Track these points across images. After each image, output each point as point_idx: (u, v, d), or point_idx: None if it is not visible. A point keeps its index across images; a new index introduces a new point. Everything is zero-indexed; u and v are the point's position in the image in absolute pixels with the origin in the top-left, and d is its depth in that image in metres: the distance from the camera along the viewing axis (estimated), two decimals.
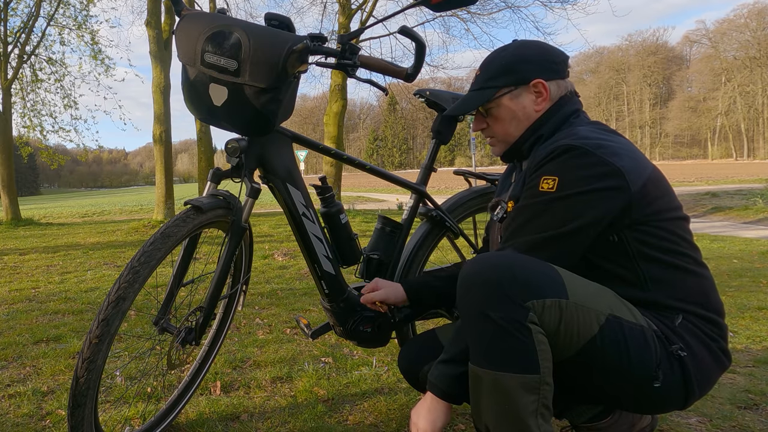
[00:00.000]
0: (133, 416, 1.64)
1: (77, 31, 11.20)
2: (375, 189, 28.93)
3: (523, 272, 0.97)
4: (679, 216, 1.09)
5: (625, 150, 1.06)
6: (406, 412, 1.63)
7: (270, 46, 1.19)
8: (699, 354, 1.04)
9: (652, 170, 1.08)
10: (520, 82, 1.18)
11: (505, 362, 0.95)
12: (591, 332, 0.98)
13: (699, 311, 1.06)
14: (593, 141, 1.05)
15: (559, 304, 0.96)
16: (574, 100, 1.20)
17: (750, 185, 16.28)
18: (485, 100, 1.21)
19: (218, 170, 1.35)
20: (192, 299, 1.41)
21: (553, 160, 1.06)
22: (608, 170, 1.02)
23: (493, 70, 1.21)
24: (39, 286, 3.90)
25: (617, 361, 1.00)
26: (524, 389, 0.95)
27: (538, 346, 0.95)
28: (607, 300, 1.03)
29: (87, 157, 12.91)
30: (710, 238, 6.72)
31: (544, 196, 1.06)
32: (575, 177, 1.03)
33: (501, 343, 0.95)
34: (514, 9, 11.44)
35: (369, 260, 1.60)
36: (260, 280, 3.98)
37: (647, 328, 1.02)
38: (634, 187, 1.02)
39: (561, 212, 1.05)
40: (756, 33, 58.70)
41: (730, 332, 2.42)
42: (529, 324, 0.94)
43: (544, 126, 1.18)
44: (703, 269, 1.09)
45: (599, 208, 1.03)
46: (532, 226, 1.08)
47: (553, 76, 1.18)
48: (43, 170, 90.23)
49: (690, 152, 70.31)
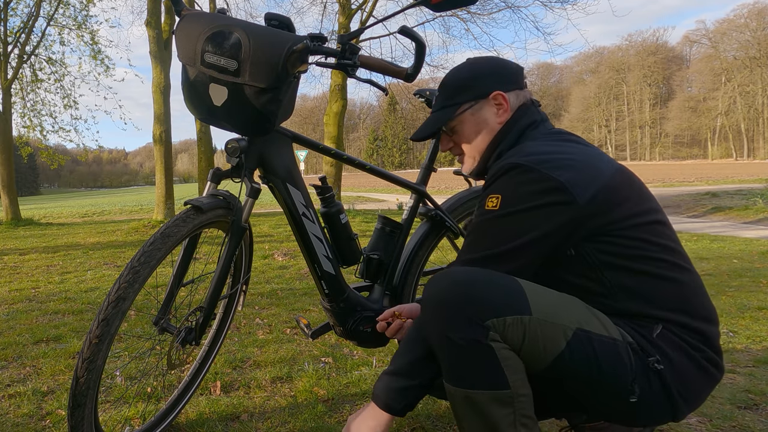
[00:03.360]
0: (133, 416, 1.64)
1: (77, 31, 11.21)
2: (375, 189, 28.92)
3: (482, 291, 0.97)
4: (650, 220, 1.04)
5: (576, 161, 1.03)
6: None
7: (270, 46, 1.19)
8: (681, 366, 1.00)
9: (610, 178, 1.03)
10: (479, 96, 1.19)
11: (473, 380, 0.96)
12: (558, 347, 0.96)
13: (680, 319, 1.02)
14: (537, 156, 1.04)
15: (521, 321, 0.95)
16: (532, 110, 1.19)
17: (750, 185, 16.29)
18: (447, 118, 1.21)
19: (218, 170, 1.35)
20: (192, 299, 1.41)
21: (499, 178, 1.07)
22: (550, 186, 1.00)
23: (451, 89, 1.22)
24: (39, 286, 3.90)
25: (589, 376, 0.97)
26: (497, 404, 0.95)
27: (503, 363, 0.94)
28: (576, 313, 1.00)
29: (87, 157, 12.91)
30: (710, 238, 6.72)
31: (489, 215, 1.06)
32: (517, 194, 1.03)
33: (466, 363, 0.96)
34: (514, 9, 11.44)
35: (369, 260, 1.61)
36: (260, 280, 3.98)
37: (620, 341, 0.99)
38: (581, 199, 1.00)
39: (505, 230, 1.04)
40: (756, 33, 58.73)
41: (731, 332, 2.42)
42: (491, 342, 0.94)
43: (504, 141, 1.18)
44: (682, 273, 1.04)
45: (543, 225, 1.01)
46: (479, 244, 1.08)
47: (510, 87, 1.19)
48: (43, 170, 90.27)
49: (690, 152, 70.33)
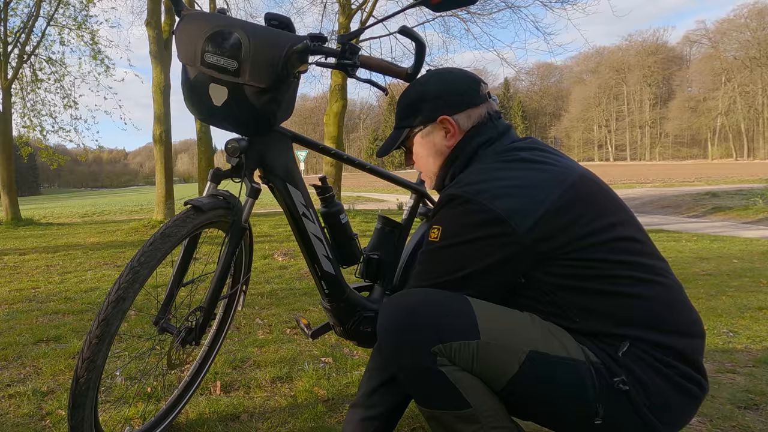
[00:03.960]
0: (133, 416, 1.64)
1: (77, 31, 11.21)
2: (375, 189, 28.93)
3: (426, 317, 0.96)
4: (607, 239, 0.98)
5: (517, 187, 0.99)
6: (406, 413, 1.62)
7: (270, 46, 1.19)
8: (652, 385, 0.94)
9: (559, 198, 0.98)
10: (426, 120, 1.17)
11: (434, 402, 0.97)
12: (512, 370, 0.94)
13: (648, 336, 0.96)
14: (475, 186, 1.01)
15: (468, 346, 0.94)
16: (487, 127, 1.14)
17: (750, 185, 16.29)
18: (400, 141, 1.21)
19: (218, 170, 1.35)
20: (192, 299, 1.41)
21: (440, 209, 1.07)
22: (488, 217, 0.97)
23: (402, 109, 1.22)
24: (39, 286, 3.90)
25: (547, 398, 0.95)
26: (463, 422, 0.95)
27: (458, 384, 0.94)
28: (530, 334, 0.96)
29: (87, 157, 12.92)
30: (710, 238, 6.72)
31: (432, 245, 1.06)
32: (455, 226, 1.03)
33: (423, 388, 0.97)
34: (514, 9, 11.43)
35: (369, 260, 1.61)
36: (260, 280, 3.98)
37: (582, 362, 0.94)
38: (520, 229, 0.95)
39: (447, 262, 1.04)
40: (756, 33, 58.73)
41: (731, 332, 2.42)
42: (440, 368, 0.94)
43: (455, 163, 1.15)
44: (651, 287, 0.98)
45: (486, 257, 0.99)
46: (426, 273, 1.08)
47: (460, 109, 1.14)
48: (43, 170, 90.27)
49: (690, 152, 70.32)
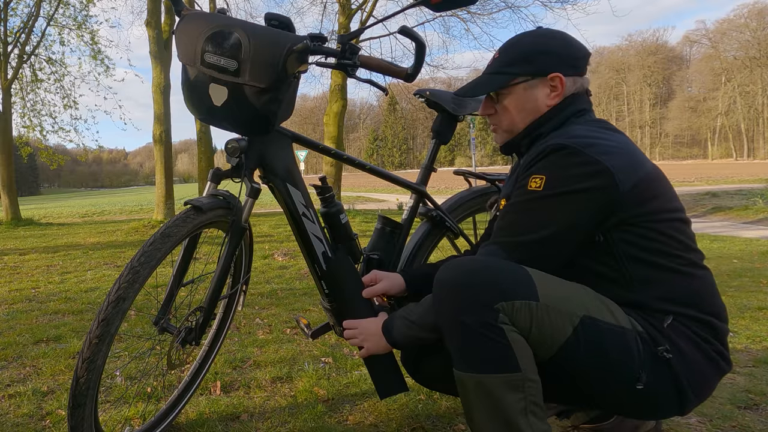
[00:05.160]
0: (133, 416, 1.64)
1: (77, 31, 11.22)
2: (375, 189, 28.93)
3: (490, 276, 0.98)
4: (675, 218, 1.05)
5: (621, 148, 1.03)
6: (406, 412, 1.63)
7: (270, 46, 1.19)
8: (691, 356, 1.01)
9: (650, 171, 1.04)
10: (537, 73, 1.13)
11: (484, 364, 0.96)
12: (565, 334, 0.97)
13: (690, 313, 1.03)
14: (584, 140, 1.03)
15: (528, 306, 0.96)
16: (583, 99, 1.16)
17: (750, 185, 16.28)
18: (499, 85, 1.16)
19: (218, 170, 1.35)
20: (192, 299, 1.41)
21: (544, 158, 1.05)
22: (596, 169, 1.00)
23: (512, 55, 1.15)
24: (39, 286, 3.90)
25: (595, 363, 0.99)
26: (508, 388, 0.95)
27: (513, 345, 0.96)
28: (584, 301, 1.01)
29: (87, 157, 12.92)
30: (710, 238, 6.72)
31: (532, 195, 1.05)
32: (563, 176, 1.02)
33: (477, 346, 0.97)
34: (514, 9, 11.44)
35: (369, 260, 1.60)
36: (260, 280, 3.98)
37: (629, 330, 1.00)
38: (623, 187, 1.00)
39: (547, 212, 1.03)
40: (756, 33, 58.70)
41: (731, 332, 2.42)
42: (501, 324, 0.95)
43: (545, 124, 1.14)
44: (698, 271, 1.06)
45: (585, 209, 1.01)
46: (518, 226, 1.07)
47: (572, 72, 1.13)
48: (43, 170, 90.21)
49: (690, 152, 70.31)
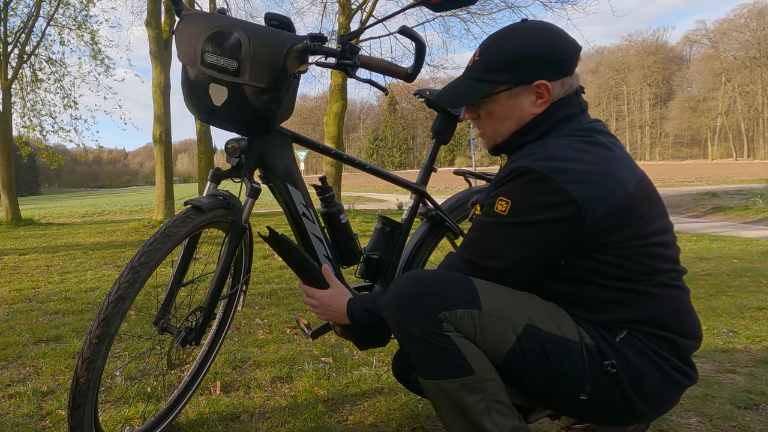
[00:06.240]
0: (133, 416, 1.64)
1: (77, 31, 11.23)
2: (375, 189, 28.95)
3: (433, 287, 1.02)
4: (648, 243, 1.00)
5: (596, 173, 0.97)
6: (406, 412, 1.63)
7: (270, 46, 1.19)
8: (642, 371, 1.01)
9: (630, 193, 0.98)
10: (521, 81, 1.06)
11: (439, 370, 1.00)
12: (509, 342, 1.00)
13: (649, 330, 1.02)
14: (556, 164, 0.97)
15: (471, 314, 0.99)
16: (572, 102, 1.09)
17: (750, 185, 16.29)
18: (479, 96, 1.11)
19: (218, 170, 1.35)
20: (192, 299, 1.41)
21: (512, 180, 1.01)
22: (563, 199, 0.95)
23: (495, 61, 1.08)
24: (39, 286, 3.90)
25: (540, 370, 1.00)
26: (466, 391, 0.98)
27: (462, 349, 0.99)
28: (528, 310, 1.02)
29: (87, 157, 12.91)
30: (710, 238, 6.72)
31: (497, 218, 1.03)
32: (528, 203, 0.99)
33: (430, 355, 1.00)
34: (514, 9, 11.42)
35: (369, 260, 1.60)
36: (260, 280, 3.98)
37: (574, 342, 1.01)
38: (590, 218, 0.95)
39: (510, 239, 1.02)
40: (756, 33, 58.71)
41: (731, 332, 2.42)
42: (446, 333, 0.98)
43: (531, 132, 1.09)
44: (665, 291, 1.02)
45: (547, 239, 1.00)
46: (481, 247, 1.07)
47: (559, 75, 1.06)
48: (43, 170, 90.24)
49: (690, 152, 70.30)
